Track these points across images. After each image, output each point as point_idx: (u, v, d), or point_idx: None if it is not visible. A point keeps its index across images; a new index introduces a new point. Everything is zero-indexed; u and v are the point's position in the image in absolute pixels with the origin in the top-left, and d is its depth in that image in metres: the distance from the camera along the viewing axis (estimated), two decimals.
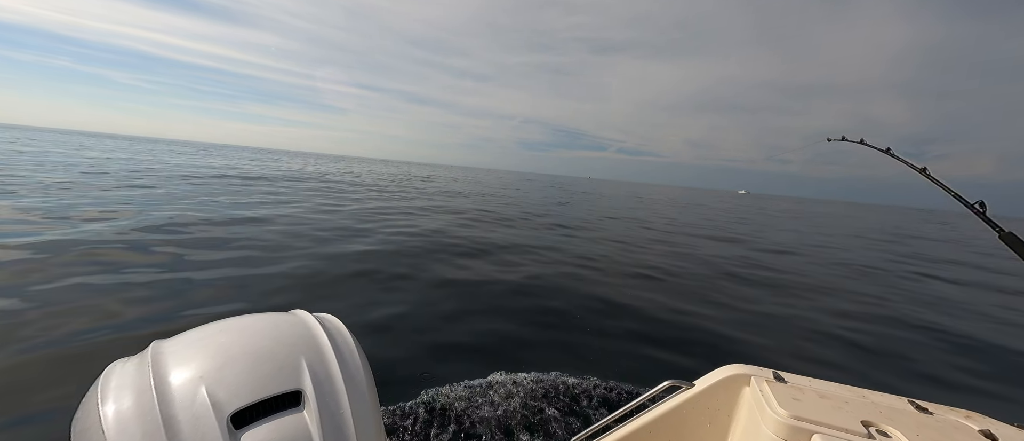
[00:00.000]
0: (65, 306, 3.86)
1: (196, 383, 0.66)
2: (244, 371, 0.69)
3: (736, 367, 1.56)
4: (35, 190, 10.17)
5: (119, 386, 0.65)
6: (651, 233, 13.44)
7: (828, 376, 1.49)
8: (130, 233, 6.73)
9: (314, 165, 47.71)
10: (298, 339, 0.78)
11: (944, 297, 7.54)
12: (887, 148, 1.87)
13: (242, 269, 5.52)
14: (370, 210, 12.76)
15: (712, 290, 6.55)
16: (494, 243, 8.99)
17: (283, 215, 10.21)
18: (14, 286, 4.18)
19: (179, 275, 5.01)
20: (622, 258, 8.68)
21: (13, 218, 7.04)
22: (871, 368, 4.12)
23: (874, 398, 1.36)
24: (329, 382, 0.73)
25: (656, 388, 1.56)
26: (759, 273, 8.30)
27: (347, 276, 5.67)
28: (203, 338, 0.77)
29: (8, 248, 5.31)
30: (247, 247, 6.68)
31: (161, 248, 6.09)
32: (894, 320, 5.78)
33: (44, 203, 8.56)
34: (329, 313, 0.93)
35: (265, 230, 8.16)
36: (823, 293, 7.05)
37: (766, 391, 1.34)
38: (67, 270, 4.74)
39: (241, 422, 0.65)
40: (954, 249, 16.54)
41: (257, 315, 0.86)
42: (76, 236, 6.18)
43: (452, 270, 6.47)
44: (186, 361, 0.70)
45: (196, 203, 10.70)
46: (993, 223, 1.42)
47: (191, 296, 4.43)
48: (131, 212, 8.56)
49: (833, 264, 10.25)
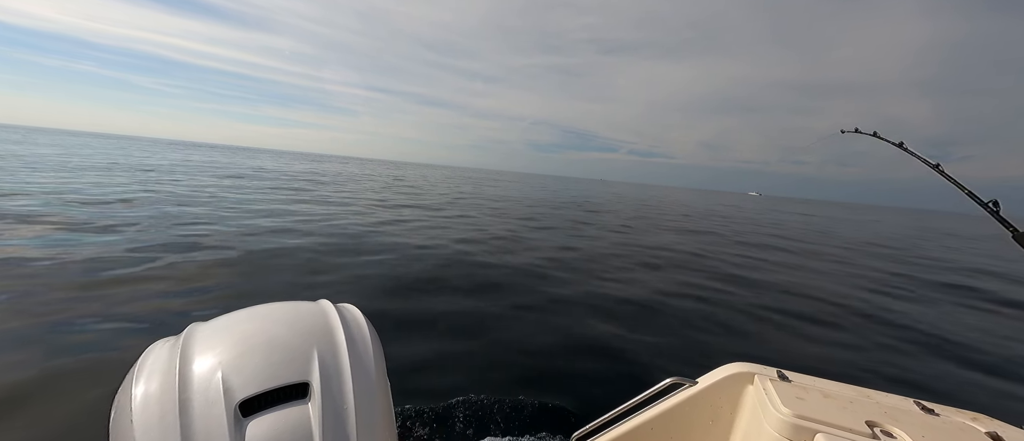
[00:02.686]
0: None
1: (214, 369, 0.68)
2: (259, 359, 0.70)
3: (739, 365, 1.54)
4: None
5: (151, 368, 0.69)
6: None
7: (833, 376, 1.47)
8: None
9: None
10: (314, 329, 0.78)
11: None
12: (900, 142, 1.83)
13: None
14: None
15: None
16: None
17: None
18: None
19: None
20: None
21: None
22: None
23: (879, 398, 1.33)
24: (338, 376, 0.72)
25: (659, 385, 1.54)
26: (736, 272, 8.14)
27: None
28: (230, 324, 0.78)
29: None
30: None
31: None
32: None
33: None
34: (354, 305, 0.92)
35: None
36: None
37: (769, 389, 1.31)
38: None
39: (249, 410, 0.65)
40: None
41: (282, 304, 0.87)
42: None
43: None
44: (211, 347, 0.72)
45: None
46: (1007, 222, 1.41)
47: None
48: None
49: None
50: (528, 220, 13.76)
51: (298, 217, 9.87)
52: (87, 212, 7.81)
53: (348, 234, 8.39)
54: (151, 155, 33.15)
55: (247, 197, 12.97)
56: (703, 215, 24.05)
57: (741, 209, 35.37)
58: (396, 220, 10.95)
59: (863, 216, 43.91)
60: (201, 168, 23.97)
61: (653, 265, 8.09)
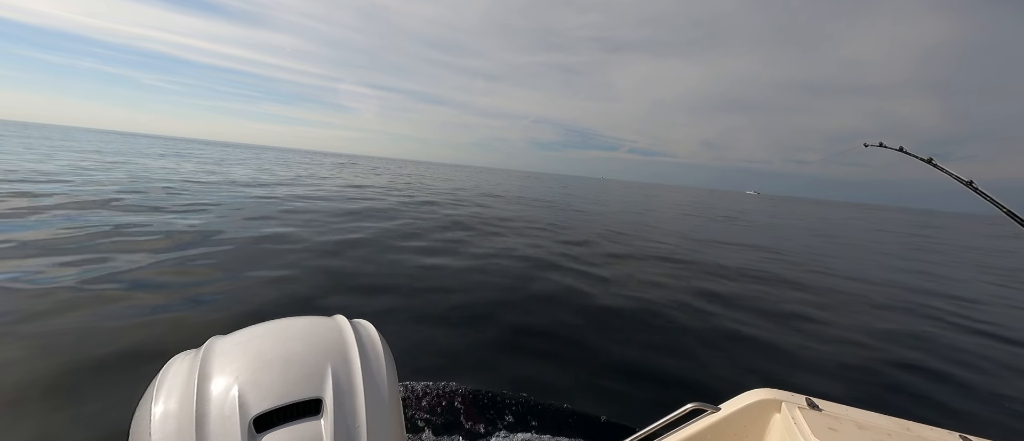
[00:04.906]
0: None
1: (231, 384, 0.69)
2: (274, 375, 0.71)
3: (765, 391, 1.47)
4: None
5: (172, 381, 0.72)
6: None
7: (868, 404, 1.40)
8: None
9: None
10: (329, 346, 0.79)
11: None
12: (929, 158, 1.77)
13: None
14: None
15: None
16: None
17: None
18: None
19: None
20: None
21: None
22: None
23: (921, 431, 1.26)
24: (350, 393, 0.73)
25: (679, 411, 1.47)
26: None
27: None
28: (248, 339, 0.80)
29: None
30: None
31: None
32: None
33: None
34: (368, 320, 0.95)
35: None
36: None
37: (799, 419, 1.25)
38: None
39: (263, 425, 0.67)
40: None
41: (299, 318, 0.88)
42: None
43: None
44: (229, 361, 0.73)
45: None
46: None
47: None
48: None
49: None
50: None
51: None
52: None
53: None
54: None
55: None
56: (698, 230, 23.33)
57: (737, 219, 34.99)
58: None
59: (874, 215, 43.09)
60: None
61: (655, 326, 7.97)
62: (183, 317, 3.52)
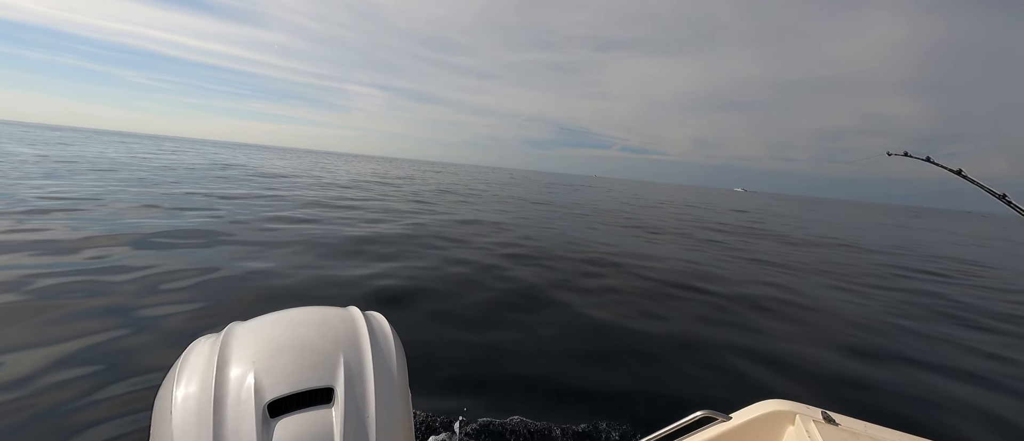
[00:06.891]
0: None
1: (248, 369, 0.71)
2: (289, 362, 0.73)
3: (779, 402, 1.42)
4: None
5: (194, 364, 0.74)
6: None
7: (887, 420, 1.34)
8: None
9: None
10: (342, 336, 0.80)
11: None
12: (959, 169, 1.74)
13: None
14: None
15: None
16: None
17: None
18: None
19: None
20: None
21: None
22: None
23: None
24: (361, 383, 0.74)
25: (688, 418, 1.40)
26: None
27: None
28: (265, 325, 0.82)
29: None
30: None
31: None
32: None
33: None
34: (382, 313, 0.94)
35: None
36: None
37: (813, 433, 1.20)
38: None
39: (276, 411, 0.68)
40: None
41: (314, 308, 0.90)
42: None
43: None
44: (247, 346, 0.75)
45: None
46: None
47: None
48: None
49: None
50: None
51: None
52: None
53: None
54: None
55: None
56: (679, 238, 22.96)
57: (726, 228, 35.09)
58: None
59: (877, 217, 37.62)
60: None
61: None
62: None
